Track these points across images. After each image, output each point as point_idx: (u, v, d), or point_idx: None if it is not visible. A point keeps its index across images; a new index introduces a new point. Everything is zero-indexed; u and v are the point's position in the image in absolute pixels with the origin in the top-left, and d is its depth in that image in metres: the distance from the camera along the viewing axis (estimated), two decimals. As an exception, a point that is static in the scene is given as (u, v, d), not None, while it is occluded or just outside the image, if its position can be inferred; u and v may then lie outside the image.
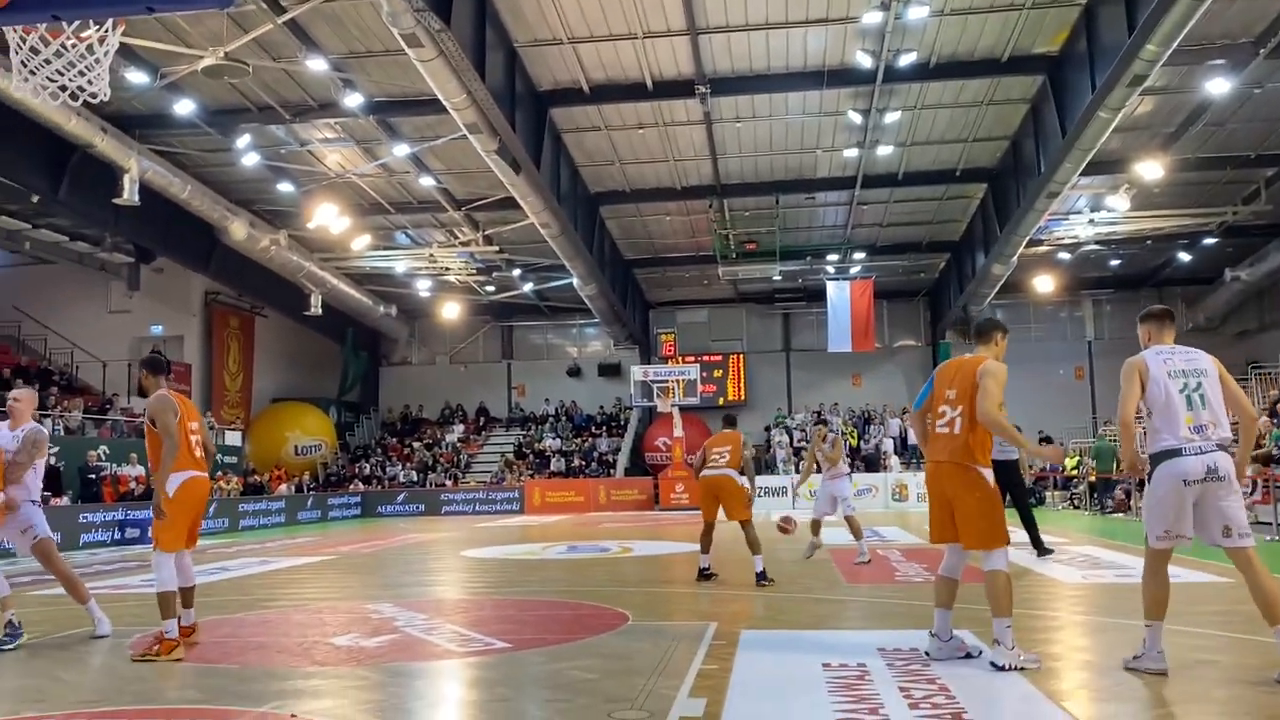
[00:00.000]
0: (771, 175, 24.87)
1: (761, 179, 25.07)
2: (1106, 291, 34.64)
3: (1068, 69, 18.36)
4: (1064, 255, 29.17)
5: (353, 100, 19.14)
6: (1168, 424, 5.20)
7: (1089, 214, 26.02)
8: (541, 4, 16.81)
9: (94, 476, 19.76)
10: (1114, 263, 31.60)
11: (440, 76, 15.61)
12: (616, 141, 22.63)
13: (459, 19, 15.04)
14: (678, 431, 29.57)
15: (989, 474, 5.60)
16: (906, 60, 18.28)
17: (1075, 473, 25.61)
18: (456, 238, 28.23)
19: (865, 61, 18.27)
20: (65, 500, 18.87)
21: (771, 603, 8.49)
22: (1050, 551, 11.63)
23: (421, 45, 14.59)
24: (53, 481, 19.67)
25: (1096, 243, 27.75)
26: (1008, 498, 10.50)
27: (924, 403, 5.93)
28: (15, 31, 4.36)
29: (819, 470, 12.19)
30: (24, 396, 7.45)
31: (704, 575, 10.00)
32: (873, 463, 30.28)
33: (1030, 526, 11.83)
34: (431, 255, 28.96)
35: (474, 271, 30.30)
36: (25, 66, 4.51)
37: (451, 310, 34.02)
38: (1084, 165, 19.67)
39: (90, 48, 4.45)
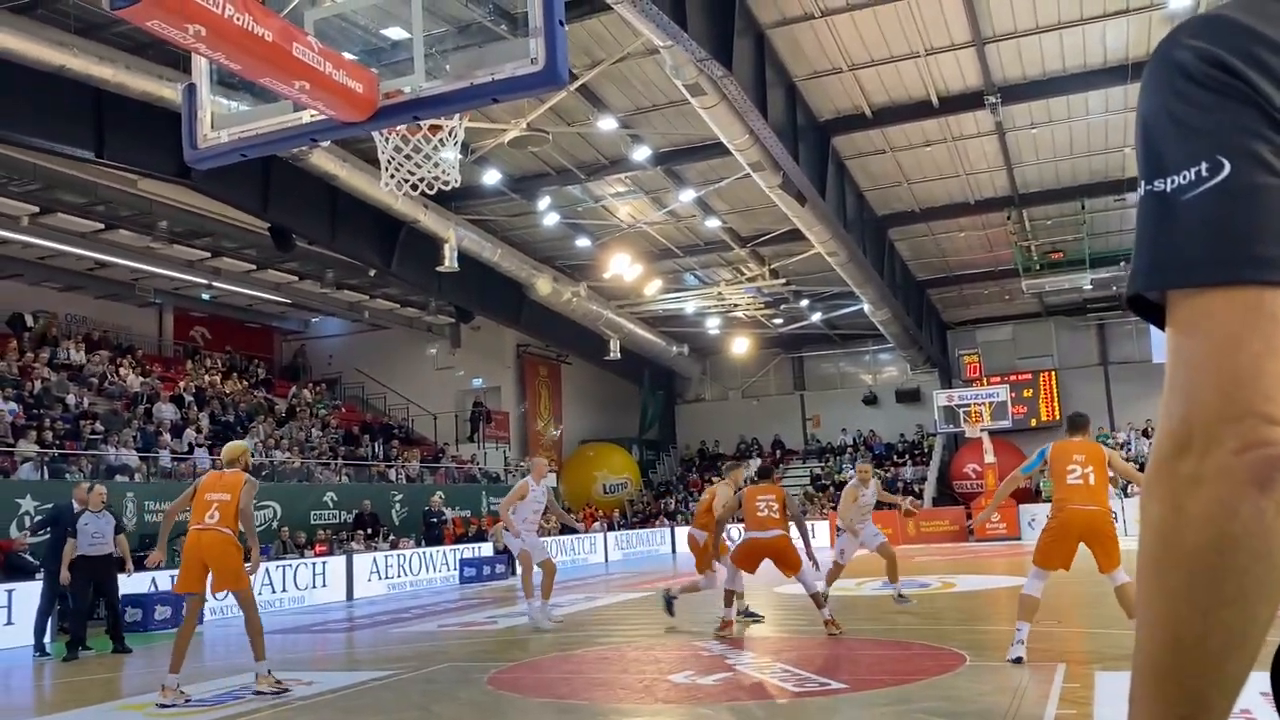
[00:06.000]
0: (1074, 179, 23.35)
1: (1063, 184, 23.58)
2: None
3: None
4: None
5: (640, 154, 20.01)
6: None
7: None
8: (820, 37, 16.82)
9: (435, 520, 21.60)
10: None
11: (723, 121, 15.97)
12: (903, 162, 22.12)
13: (739, 63, 15.34)
14: (989, 458, 28.17)
15: None
16: (1224, 40, 16.69)
17: None
18: (743, 274, 28.61)
19: (1175, 47, 16.85)
20: (410, 542, 20.74)
21: (1124, 641, 7.85)
22: None
23: (704, 93, 15.00)
24: (398, 527, 21.72)
25: None
26: None
27: (1033, 470, 7.61)
28: (381, 135, 4.98)
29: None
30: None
31: None
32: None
33: None
34: (719, 293, 29.51)
35: (762, 305, 30.55)
36: (389, 165, 5.12)
37: (741, 345, 34.42)
38: None
39: (441, 140, 4.99)
